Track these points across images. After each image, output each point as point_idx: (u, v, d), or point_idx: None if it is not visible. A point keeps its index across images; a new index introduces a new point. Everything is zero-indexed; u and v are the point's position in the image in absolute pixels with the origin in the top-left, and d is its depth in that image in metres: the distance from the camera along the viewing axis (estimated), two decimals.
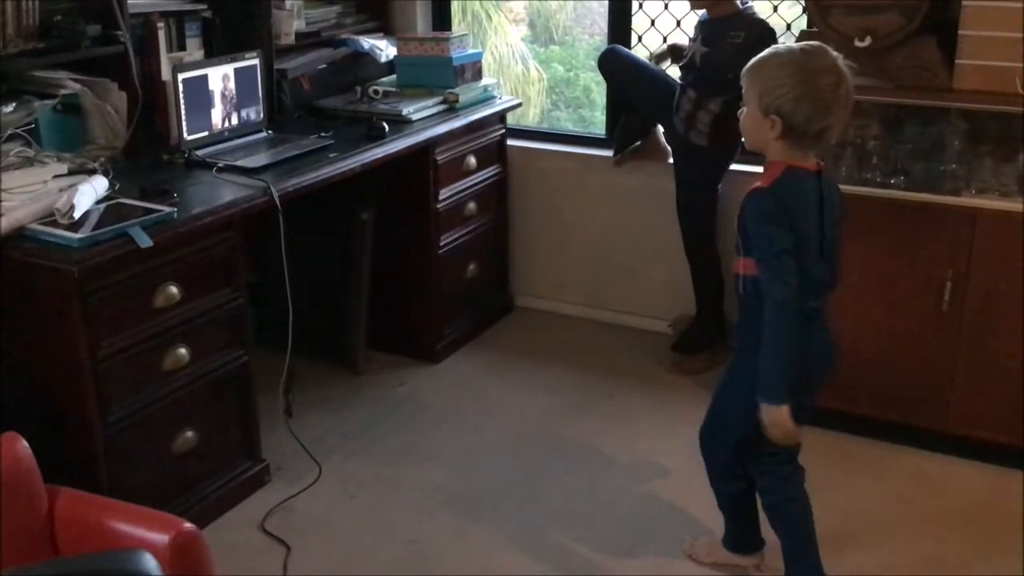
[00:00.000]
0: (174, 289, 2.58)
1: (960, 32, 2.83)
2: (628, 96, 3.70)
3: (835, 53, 2.15)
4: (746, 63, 2.20)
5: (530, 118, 5.75)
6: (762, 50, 2.20)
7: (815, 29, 3.00)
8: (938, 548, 2.69)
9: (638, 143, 3.77)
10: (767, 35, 3.28)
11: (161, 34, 3.14)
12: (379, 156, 3.24)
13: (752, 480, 2.48)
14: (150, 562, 1.66)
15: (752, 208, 2.18)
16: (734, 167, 3.54)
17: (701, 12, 3.41)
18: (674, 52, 3.63)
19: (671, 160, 3.67)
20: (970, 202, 2.86)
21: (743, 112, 2.23)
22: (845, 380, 3.06)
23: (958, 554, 2.67)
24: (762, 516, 2.52)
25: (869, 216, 2.96)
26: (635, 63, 3.65)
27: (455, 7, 4.27)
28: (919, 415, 3.06)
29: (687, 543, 2.68)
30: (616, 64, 3.65)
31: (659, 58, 3.65)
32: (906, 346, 3.02)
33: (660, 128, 3.69)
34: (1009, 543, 2.70)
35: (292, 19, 3.58)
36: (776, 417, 2.18)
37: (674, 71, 3.63)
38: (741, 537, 2.59)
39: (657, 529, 2.77)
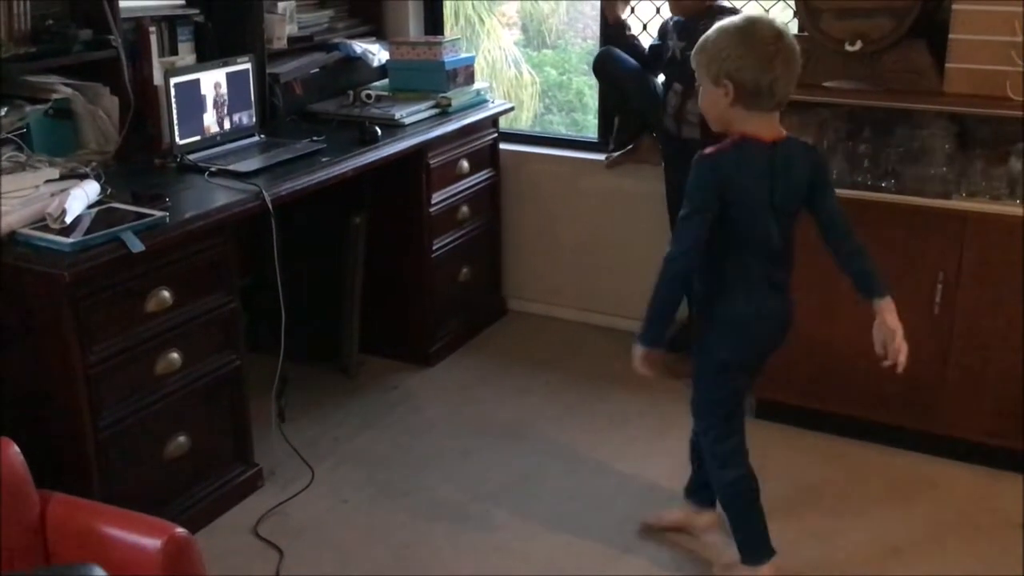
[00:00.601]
0: (166, 293, 2.58)
1: (950, 36, 2.84)
2: (624, 96, 3.71)
3: (772, 18, 2.25)
4: None
5: (523, 122, 5.75)
6: None
7: (805, 33, 3.00)
8: (933, 550, 2.69)
9: (631, 146, 3.78)
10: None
11: (153, 38, 3.14)
12: (372, 160, 3.24)
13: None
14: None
15: (693, 170, 2.27)
16: None
17: (679, 16, 3.45)
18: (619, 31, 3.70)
19: (663, 163, 3.68)
20: (961, 205, 2.87)
21: (700, 95, 2.29)
22: (838, 383, 3.09)
23: (953, 556, 2.67)
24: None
25: (860, 220, 2.95)
26: (629, 64, 3.66)
27: (447, 11, 4.28)
28: (911, 417, 3.07)
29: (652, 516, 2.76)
30: (611, 65, 3.66)
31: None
32: None
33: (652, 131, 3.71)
34: (1003, 545, 2.70)
35: (284, 23, 3.58)
36: (635, 352, 2.34)
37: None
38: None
39: (651, 531, 2.77)
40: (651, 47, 3.65)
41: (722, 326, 2.37)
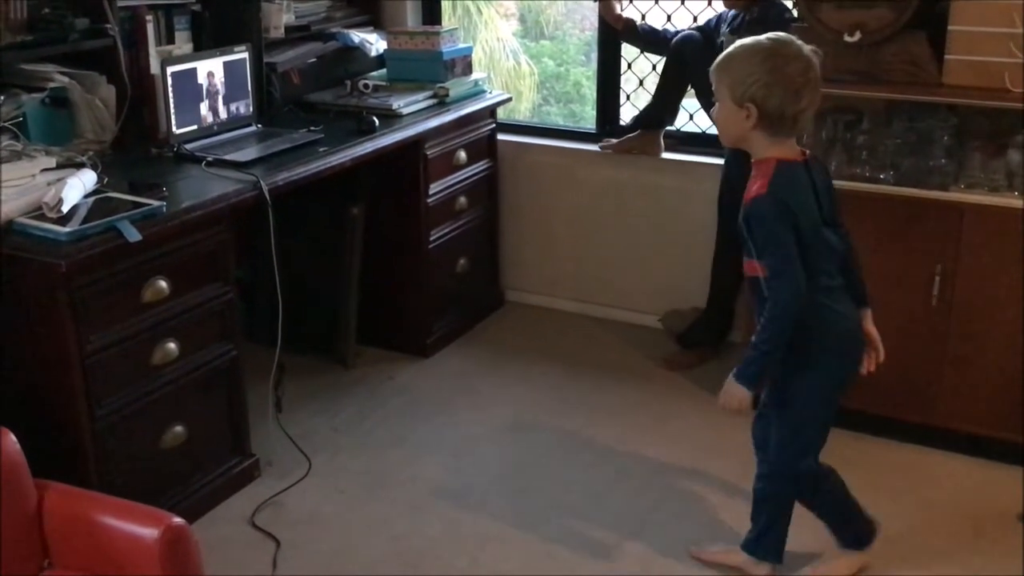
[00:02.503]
0: (163, 283, 2.57)
1: (949, 27, 2.83)
2: (696, 84, 3.59)
3: (800, 42, 2.18)
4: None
5: (521, 112, 5.75)
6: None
7: (804, 24, 3.00)
8: (929, 542, 2.70)
9: (633, 134, 3.76)
10: (777, 5, 3.31)
11: (150, 27, 3.13)
12: (369, 150, 3.24)
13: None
14: None
15: (756, 214, 2.19)
16: None
17: (733, 10, 3.41)
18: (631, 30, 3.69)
19: (662, 155, 3.70)
20: (959, 197, 2.87)
21: (715, 108, 2.25)
22: None
23: (951, 548, 2.68)
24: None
25: (858, 211, 2.96)
26: (711, 55, 3.58)
27: (445, 1, 4.26)
28: (908, 409, 3.07)
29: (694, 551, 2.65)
30: (691, 51, 3.54)
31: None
32: (895, 340, 3.00)
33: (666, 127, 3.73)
34: (999, 536, 2.71)
35: (282, 12, 3.57)
36: (739, 394, 2.27)
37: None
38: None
39: (649, 522, 2.78)
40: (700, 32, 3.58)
41: (837, 345, 2.31)
